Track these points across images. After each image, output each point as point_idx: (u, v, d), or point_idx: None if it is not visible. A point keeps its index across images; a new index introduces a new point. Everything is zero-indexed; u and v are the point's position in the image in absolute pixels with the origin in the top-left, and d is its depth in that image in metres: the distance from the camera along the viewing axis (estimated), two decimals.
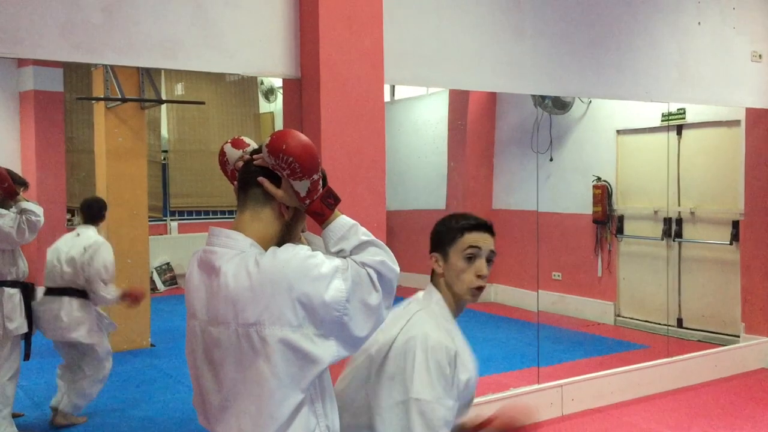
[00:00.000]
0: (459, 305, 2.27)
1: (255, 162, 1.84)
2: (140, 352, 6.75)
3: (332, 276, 1.72)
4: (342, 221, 1.84)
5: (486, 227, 2.28)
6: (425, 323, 2.15)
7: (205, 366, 1.80)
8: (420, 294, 2.30)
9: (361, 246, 1.81)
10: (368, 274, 1.76)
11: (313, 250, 1.79)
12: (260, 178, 1.81)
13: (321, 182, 1.85)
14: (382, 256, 1.80)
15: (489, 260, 2.26)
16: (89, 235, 4.86)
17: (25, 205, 4.35)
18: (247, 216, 1.83)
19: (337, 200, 1.85)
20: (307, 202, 1.81)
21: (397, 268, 1.83)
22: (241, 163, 1.96)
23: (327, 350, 1.73)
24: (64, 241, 4.90)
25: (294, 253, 1.74)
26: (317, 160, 1.82)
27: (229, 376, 1.75)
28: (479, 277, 2.22)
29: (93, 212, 5.00)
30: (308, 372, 1.72)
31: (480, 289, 2.25)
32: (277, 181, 1.82)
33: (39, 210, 4.40)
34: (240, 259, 1.75)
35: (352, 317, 1.74)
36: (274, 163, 1.79)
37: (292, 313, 1.69)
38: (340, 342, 1.74)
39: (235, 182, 1.95)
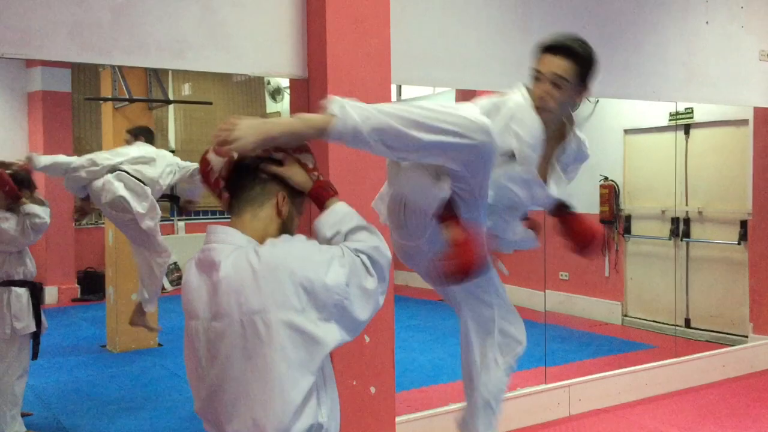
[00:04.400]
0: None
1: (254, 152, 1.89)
2: (148, 352, 6.78)
3: (330, 261, 1.79)
4: (341, 206, 1.94)
5: (557, 50, 2.36)
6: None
7: (211, 364, 1.81)
8: None
9: (356, 229, 1.90)
10: (362, 260, 1.84)
11: None
12: (264, 164, 1.88)
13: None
14: (375, 242, 1.88)
15: (556, 84, 2.34)
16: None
17: (28, 209, 4.36)
18: (247, 217, 1.88)
19: (335, 191, 1.95)
20: (316, 173, 1.90)
21: (389, 255, 1.91)
22: (225, 172, 1.95)
23: (330, 333, 1.77)
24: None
25: (293, 241, 1.82)
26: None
27: (236, 369, 1.76)
28: (536, 96, 2.37)
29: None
30: (315, 354, 1.76)
31: (538, 107, 2.38)
32: (275, 182, 1.89)
33: (44, 212, 4.42)
34: (239, 252, 1.80)
35: (351, 301, 1.79)
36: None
37: (295, 297, 1.73)
38: (341, 326, 1.79)
39: (220, 190, 1.97)
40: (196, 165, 5.35)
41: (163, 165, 5.32)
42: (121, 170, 5.11)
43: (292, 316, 1.73)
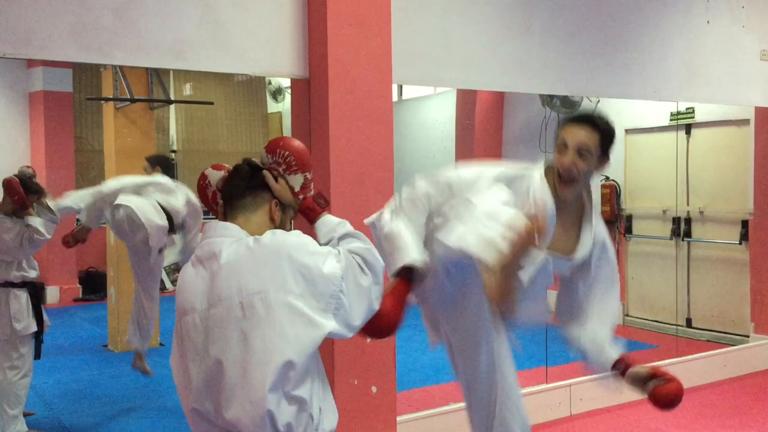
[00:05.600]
0: (557, 185, 2.45)
1: (251, 160, 2.02)
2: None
3: (327, 255, 1.87)
4: (331, 218, 2.06)
5: (581, 121, 2.42)
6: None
7: (208, 352, 1.83)
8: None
9: (348, 235, 2.00)
10: (356, 260, 1.91)
11: None
12: (264, 171, 1.98)
13: (312, 184, 2.06)
14: (368, 245, 1.98)
15: (581, 155, 2.39)
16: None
17: (31, 221, 4.35)
18: (240, 222, 1.94)
19: (327, 202, 2.07)
20: (300, 197, 2.02)
21: (383, 261, 2.01)
22: (221, 184, 2.08)
23: (327, 321, 1.82)
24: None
25: (291, 232, 1.91)
26: (310, 160, 2.05)
27: (236, 351, 1.79)
28: (561, 166, 2.41)
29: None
30: (313, 337, 1.80)
31: (563, 178, 2.42)
32: (267, 191, 1.98)
33: (45, 227, 4.39)
34: (239, 242, 1.87)
35: (347, 295, 1.85)
36: (271, 161, 2.00)
37: (294, 281, 1.79)
38: (337, 319, 1.84)
39: (216, 203, 2.09)
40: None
41: (183, 199, 5.18)
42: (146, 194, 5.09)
43: (291, 299, 1.78)
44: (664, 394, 2.46)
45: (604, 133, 2.44)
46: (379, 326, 2.08)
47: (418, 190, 2.55)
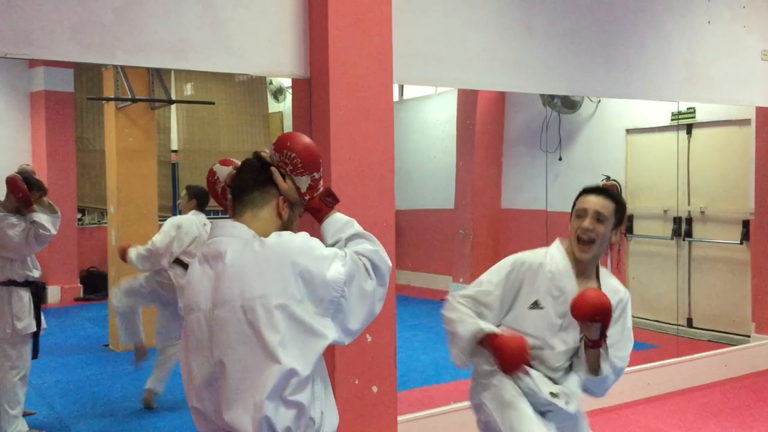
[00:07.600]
0: (576, 259, 2.65)
1: (261, 155, 1.99)
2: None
3: (332, 259, 1.85)
4: (339, 216, 2.01)
5: (597, 191, 2.66)
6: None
7: (212, 352, 1.84)
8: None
9: (356, 236, 1.97)
10: (363, 263, 1.90)
11: None
12: (272, 168, 1.94)
13: (321, 182, 2.00)
14: (376, 247, 1.96)
15: (598, 219, 2.61)
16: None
17: (36, 217, 4.35)
18: (248, 217, 1.93)
19: (335, 200, 2.01)
20: (307, 197, 1.97)
21: (390, 262, 1.97)
22: (230, 179, 2.05)
23: (327, 329, 1.83)
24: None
25: (297, 235, 1.89)
26: (318, 159, 1.99)
27: (238, 355, 1.80)
28: (580, 229, 2.60)
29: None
30: (313, 345, 1.80)
31: (582, 240, 2.61)
32: (274, 186, 1.95)
33: (52, 222, 4.40)
34: (245, 243, 1.86)
35: (348, 300, 1.85)
36: (278, 160, 1.95)
37: (295, 287, 1.79)
38: (336, 324, 1.84)
39: (226, 198, 2.07)
40: None
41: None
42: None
43: (292, 305, 1.78)
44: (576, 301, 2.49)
45: (617, 201, 2.66)
46: (503, 353, 2.40)
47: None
